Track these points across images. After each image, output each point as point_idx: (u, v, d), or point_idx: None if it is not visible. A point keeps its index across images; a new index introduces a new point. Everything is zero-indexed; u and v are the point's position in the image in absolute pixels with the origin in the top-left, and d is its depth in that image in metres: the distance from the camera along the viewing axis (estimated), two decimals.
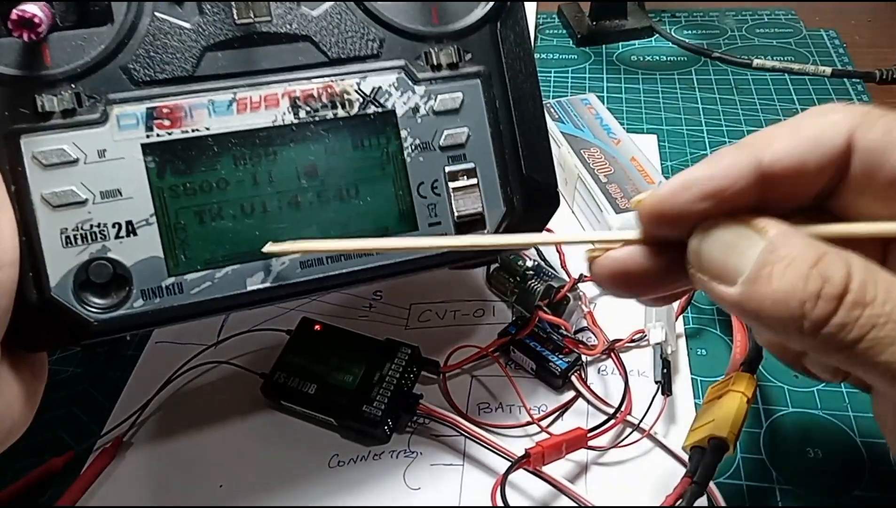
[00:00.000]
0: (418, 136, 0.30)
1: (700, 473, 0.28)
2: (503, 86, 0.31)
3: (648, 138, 0.54)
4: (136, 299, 0.27)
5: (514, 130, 0.31)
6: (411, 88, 0.30)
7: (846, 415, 0.35)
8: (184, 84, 0.28)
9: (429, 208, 0.30)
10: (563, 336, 0.37)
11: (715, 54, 0.63)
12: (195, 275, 0.28)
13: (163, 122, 0.27)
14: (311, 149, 0.29)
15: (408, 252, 0.30)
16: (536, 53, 0.67)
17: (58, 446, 0.36)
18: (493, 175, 0.31)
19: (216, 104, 0.28)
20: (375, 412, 0.34)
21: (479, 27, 0.31)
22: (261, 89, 0.28)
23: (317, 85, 0.29)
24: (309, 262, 0.29)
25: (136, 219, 0.27)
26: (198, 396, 0.38)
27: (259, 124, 0.28)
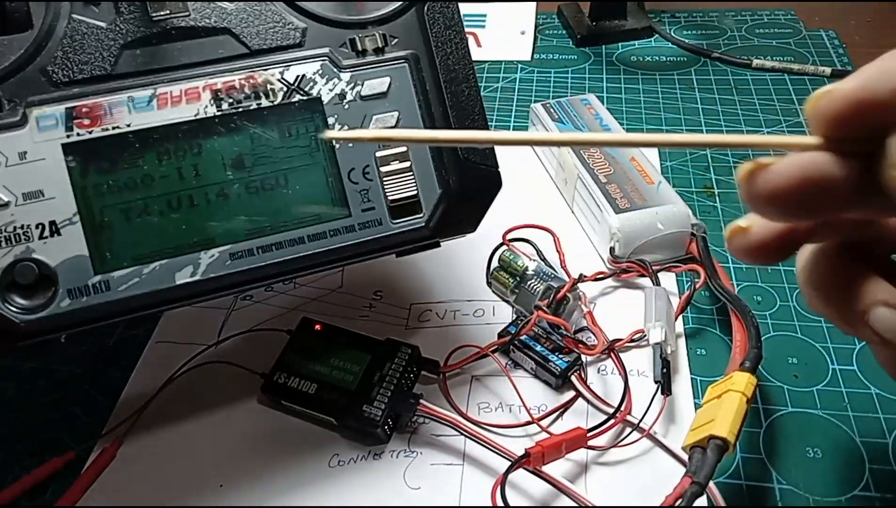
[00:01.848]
0: (346, 122, 0.30)
1: (700, 473, 0.28)
2: (433, 68, 0.31)
3: None
4: (63, 298, 0.27)
5: (448, 112, 0.31)
6: (336, 75, 0.30)
7: (846, 415, 0.35)
8: (103, 83, 0.28)
9: (361, 194, 0.30)
10: (563, 336, 0.37)
11: (715, 55, 0.63)
12: (122, 272, 0.28)
13: (83, 121, 0.27)
14: (237, 140, 0.29)
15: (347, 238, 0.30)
16: (536, 54, 0.67)
17: (58, 446, 0.36)
18: (427, 158, 0.31)
19: (136, 101, 0.28)
20: (375, 412, 0.34)
21: (404, 11, 0.31)
22: (181, 84, 0.28)
23: (238, 76, 0.29)
24: (239, 253, 0.29)
25: (60, 219, 0.27)
26: (198, 396, 0.38)
27: (181, 118, 0.28)
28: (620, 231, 0.41)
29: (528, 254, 0.41)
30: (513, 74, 0.64)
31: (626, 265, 0.42)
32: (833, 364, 0.37)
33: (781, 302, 0.41)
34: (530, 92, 0.61)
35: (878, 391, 0.36)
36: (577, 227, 0.47)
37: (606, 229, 0.42)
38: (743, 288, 0.42)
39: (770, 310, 0.40)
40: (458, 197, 0.31)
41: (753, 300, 0.41)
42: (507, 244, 0.41)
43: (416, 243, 0.32)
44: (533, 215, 0.44)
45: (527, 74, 0.64)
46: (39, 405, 0.38)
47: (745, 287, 0.42)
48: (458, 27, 0.32)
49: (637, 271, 0.41)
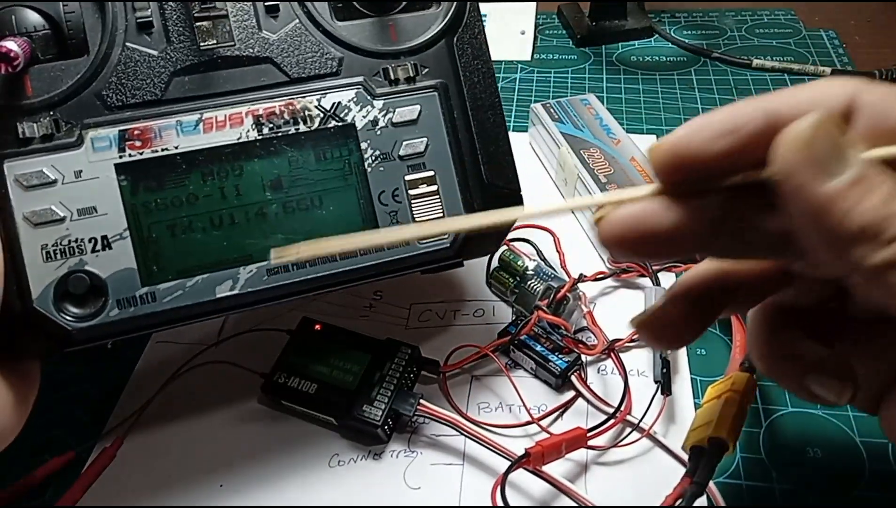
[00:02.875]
0: (378, 147, 0.32)
1: (700, 473, 0.28)
2: (461, 96, 0.33)
3: (648, 139, 0.54)
4: (112, 308, 0.29)
5: (474, 138, 0.33)
6: (370, 103, 0.32)
7: (846, 415, 0.35)
8: (153, 107, 0.30)
9: (390, 215, 0.32)
10: (563, 336, 0.37)
11: (714, 55, 0.63)
12: (167, 285, 0.30)
13: (134, 143, 0.29)
14: (276, 163, 0.31)
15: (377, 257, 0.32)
16: (536, 54, 0.67)
17: (58, 446, 0.36)
18: (453, 182, 0.32)
19: (184, 124, 0.30)
20: (375, 412, 0.34)
21: (435, 42, 0.33)
22: (225, 109, 0.30)
23: (278, 103, 0.31)
24: (275, 270, 0.31)
25: (111, 234, 0.29)
26: (198, 396, 0.38)
27: (225, 142, 0.30)
28: None
29: (528, 254, 0.41)
30: (513, 74, 0.64)
31: (626, 265, 0.42)
32: None
33: None
34: (530, 92, 0.61)
35: None
36: (577, 227, 0.47)
37: None
38: None
39: None
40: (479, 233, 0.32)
41: None
42: (507, 244, 0.41)
43: (440, 263, 0.33)
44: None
45: (527, 74, 0.64)
46: (39, 405, 0.38)
47: None
48: (486, 56, 0.34)
49: (637, 271, 0.41)
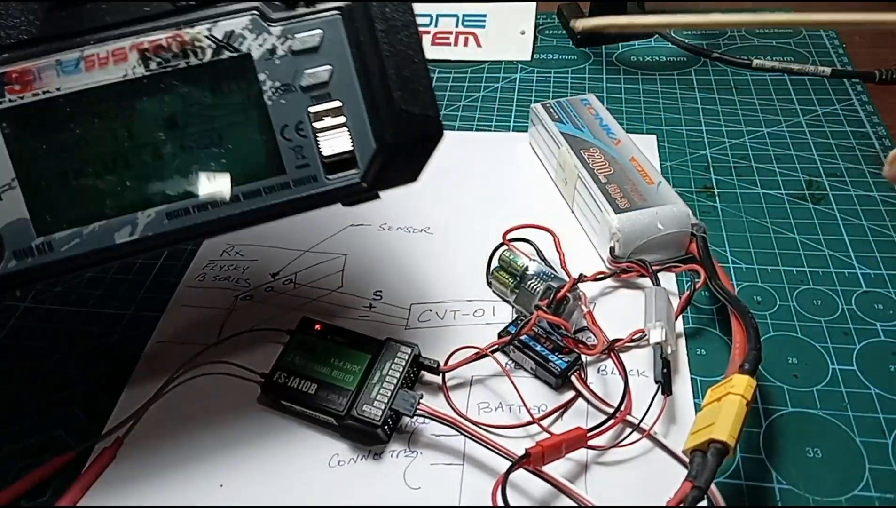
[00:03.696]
0: (278, 78, 0.30)
1: (701, 477, 0.28)
2: (368, 17, 0.30)
3: (648, 139, 0.54)
4: (10, 260, 0.28)
5: (384, 63, 0.30)
6: (266, 30, 0.29)
7: (846, 415, 0.35)
8: (30, 47, 0.28)
9: (295, 151, 0.30)
10: (563, 336, 0.37)
11: (714, 55, 0.63)
12: (63, 233, 0.29)
13: (13, 87, 0.27)
14: (168, 100, 0.29)
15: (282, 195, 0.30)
16: (536, 54, 0.67)
17: (58, 446, 0.36)
18: (362, 112, 0.30)
19: (64, 64, 0.28)
20: (375, 412, 0.34)
21: None
22: (108, 45, 0.28)
23: (165, 35, 0.28)
24: (175, 212, 0.29)
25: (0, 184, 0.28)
26: (198, 396, 0.38)
27: (110, 80, 0.28)
28: (620, 231, 0.41)
29: (528, 254, 0.41)
30: (513, 74, 0.64)
31: (626, 265, 0.42)
32: (833, 364, 0.37)
33: (781, 302, 0.41)
34: (530, 92, 0.61)
35: (878, 391, 0.36)
36: (577, 227, 0.47)
37: (606, 229, 0.42)
38: (743, 288, 0.42)
39: (770, 310, 0.40)
40: (395, 150, 0.31)
41: (753, 300, 0.41)
42: (507, 244, 0.41)
43: (353, 197, 0.32)
44: (533, 215, 0.44)
45: (527, 74, 0.64)
46: (39, 405, 0.38)
47: (744, 287, 0.42)
48: None
49: (637, 271, 0.41)
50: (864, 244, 0.44)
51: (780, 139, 0.54)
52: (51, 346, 0.41)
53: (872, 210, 0.47)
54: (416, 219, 0.48)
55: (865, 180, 0.49)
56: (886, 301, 0.41)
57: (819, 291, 0.41)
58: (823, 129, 0.54)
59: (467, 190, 0.50)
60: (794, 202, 0.48)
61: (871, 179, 0.49)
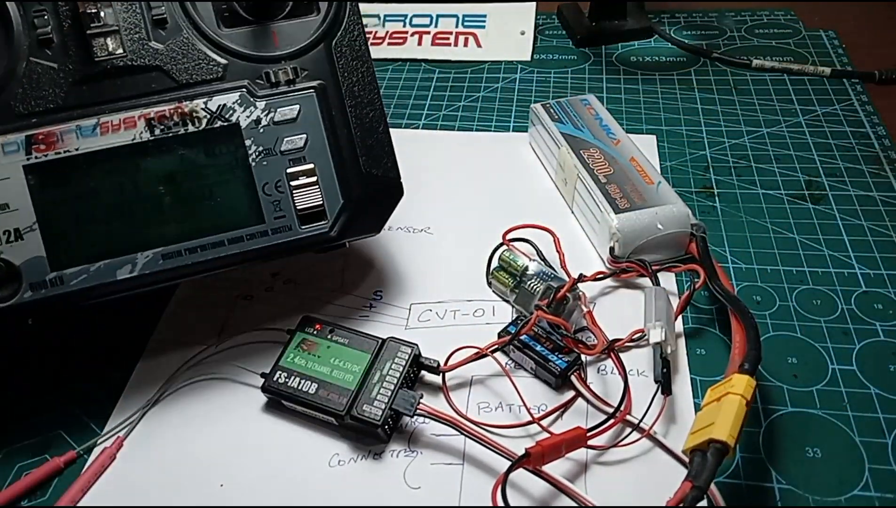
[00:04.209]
0: (261, 143, 0.35)
1: (700, 477, 0.28)
2: (339, 95, 0.36)
3: (648, 139, 0.54)
4: (26, 291, 0.33)
5: (352, 132, 0.36)
6: (253, 104, 0.35)
7: (846, 415, 0.35)
8: (55, 114, 0.33)
9: (274, 205, 0.35)
10: (563, 336, 0.37)
11: (714, 55, 0.63)
12: (73, 269, 0.33)
13: (40, 146, 0.33)
14: (168, 160, 0.34)
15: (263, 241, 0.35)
16: (536, 54, 0.67)
17: (58, 446, 0.36)
18: (331, 173, 0.36)
19: (83, 128, 0.33)
20: (375, 412, 0.34)
21: (314, 46, 0.36)
22: (120, 114, 0.34)
23: (168, 107, 0.34)
24: (169, 254, 0.34)
25: (22, 226, 0.33)
26: (198, 396, 0.38)
27: (120, 143, 0.34)
28: (620, 231, 0.41)
29: (528, 254, 0.41)
30: (513, 74, 0.64)
31: (625, 265, 0.42)
32: (833, 364, 0.37)
33: (781, 302, 0.41)
34: (530, 92, 0.61)
35: (878, 391, 0.36)
36: (577, 227, 0.47)
37: (606, 229, 0.42)
38: (742, 288, 0.42)
39: (770, 310, 0.40)
40: (359, 205, 0.37)
41: (753, 300, 0.41)
42: (507, 244, 0.41)
43: (322, 245, 0.37)
44: (533, 215, 0.44)
45: (527, 74, 0.64)
46: (39, 405, 0.38)
47: (744, 287, 0.42)
48: (365, 57, 0.37)
49: (637, 271, 0.41)
50: (864, 244, 0.44)
51: (780, 139, 0.54)
52: (51, 346, 0.41)
53: (872, 210, 0.47)
54: (416, 219, 0.48)
55: (865, 180, 0.49)
56: (886, 301, 0.41)
57: (819, 291, 0.41)
58: (823, 129, 0.54)
59: (467, 190, 0.50)
60: (793, 202, 0.48)
61: (871, 180, 0.49)
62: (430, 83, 0.63)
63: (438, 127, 0.58)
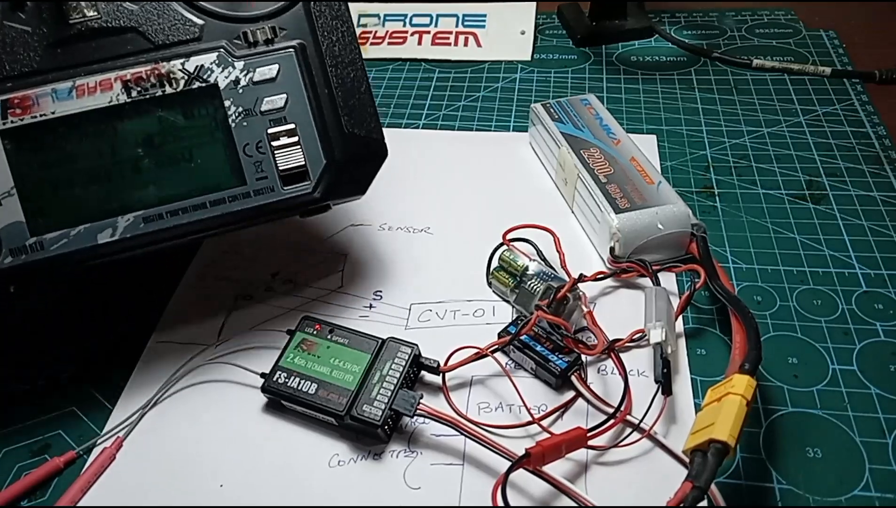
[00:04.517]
0: (241, 104, 0.35)
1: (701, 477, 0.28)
2: (320, 55, 0.36)
3: (648, 138, 0.54)
4: (7, 256, 0.33)
5: (333, 92, 0.36)
6: (231, 64, 0.35)
7: (846, 415, 0.35)
8: (31, 77, 0.33)
9: (255, 165, 0.35)
10: (563, 336, 0.37)
11: (714, 55, 0.63)
12: (53, 234, 0.33)
13: (15, 110, 0.32)
14: (146, 122, 0.34)
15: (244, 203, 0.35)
16: (536, 54, 0.67)
17: (58, 446, 0.36)
18: (313, 133, 0.36)
19: (58, 92, 0.33)
20: (375, 412, 0.34)
21: (291, 6, 0.36)
22: (96, 76, 0.33)
23: (145, 68, 0.34)
24: (151, 217, 0.34)
25: (0, 192, 0.32)
26: (198, 396, 0.38)
27: (97, 105, 0.33)
28: (620, 231, 0.41)
29: (528, 254, 0.41)
30: (513, 74, 0.64)
31: (626, 265, 0.42)
32: (833, 364, 0.37)
33: (781, 302, 0.41)
34: (530, 92, 0.61)
35: (878, 391, 0.36)
36: (577, 227, 0.47)
37: (606, 229, 0.42)
38: (743, 288, 0.42)
39: (770, 310, 0.40)
40: (342, 166, 0.36)
41: (753, 300, 0.41)
42: (507, 244, 0.41)
43: (306, 207, 0.36)
44: (533, 215, 0.44)
45: (527, 74, 0.64)
46: (39, 405, 0.38)
47: (744, 287, 0.42)
48: (345, 17, 0.37)
49: (637, 271, 0.41)
50: (864, 244, 0.44)
51: (780, 139, 0.54)
52: (51, 346, 0.41)
53: (872, 210, 0.47)
54: (416, 219, 0.48)
55: (865, 180, 0.49)
56: (886, 301, 0.41)
57: (819, 291, 0.41)
58: (823, 129, 0.54)
59: (467, 190, 0.50)
60: (794, 202, 0.48)
61: (871, 179, 0.49)
62: (430, 83, 0.63)
63: (438, 127, 0.58)
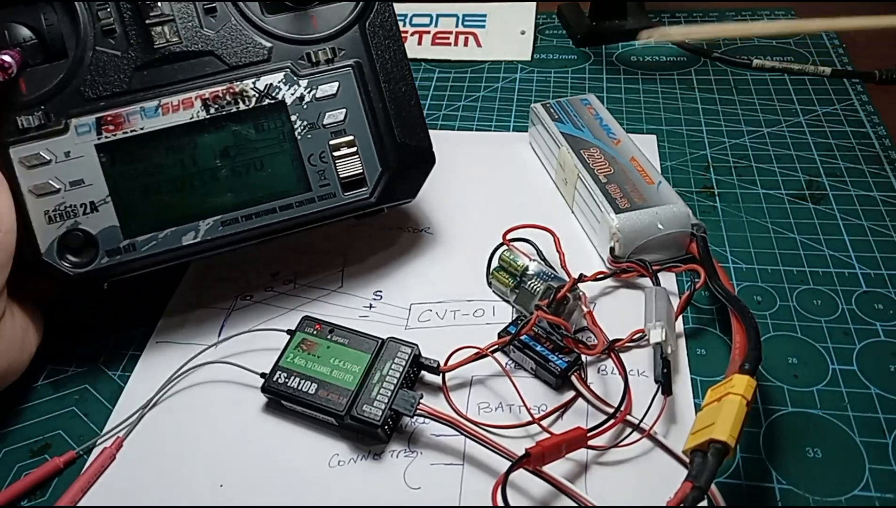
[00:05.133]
0: (306, 118, 0.38)
1: (701, 477, 0.28)
2: (374, 72, 0.39)
3: (648, 138, 0.54)
4: (103, 257, 0.37)
5: (387, 106, 0.40)
6: (296, 82, 0.38)
7: (846, 415, 0.35)
8: (121, 97, 0.37)
9: (319, 174, 0.39)
10: (563, 336, 0.37)
11: (714, 55, 0.63)
12: (143, 237, 0.37)
13: (109, 126, 0.36)
14: (223, 136, 0.38)
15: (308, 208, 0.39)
16: (536, 54, 0.67)
17: (58, 446, 0.36)
18: (370, 143, 0.39)
19: (146, 110, 0.37)
20: (375, 412, 0.34)
21: (349, 28, 0.39)
22: (178, 95, 0.37)
23: (221, 87, 0.37)
24: (228, 221, 0.38)
25: (97, 199, 0.37)
26: (198, 396, 0.38)
27: (180, 122, 0.37)
28: (620, 231, 0.41)
29: (528, 254, 0.41)
30: (513, 74, 0.64)
31: (626, 265, 0.42)
32: (833, 364, 0.37)
33: (781, 302, 0.41)
34: (530, 92, 0.61)
35: (878, 391, 0.36)
36: (577, 227, 0.47)
37: (606, 229, 0.42)
38: (743, 288, 0.42)
39: (770, 310, 0.40)
40: (396, 173, 0.40)
41: (753, 300, 0.41)
42: (507, 244, 0.41)
43: (364, 211, 0.40)
44: (533, 215, 0.44)
45: (527, 74, 0.64)
46: (39, 405, 0.38)
47: (744, 287, 0.42)
48: (396, 36, 0.40)
49: (637, 271, 0.41)
50: (864, 244, 0.44)
51: (780, 139, 0.54)
52: (51, 345, 0.41)
53: (872, 210, 0.47)
54: (416, 219, 0.48)
55: (865, 180, 0.49)
56: (886, 301, 0.41)
57: (819, 291, 0.41)
58: (823, 129, 0.54)
59: (467, 190, 0.50)
60: (794, 202, 0.48)
61: (871, 179, 0.49)
62: (430, 83, 0.63)
63: (438, 127, 0.58)
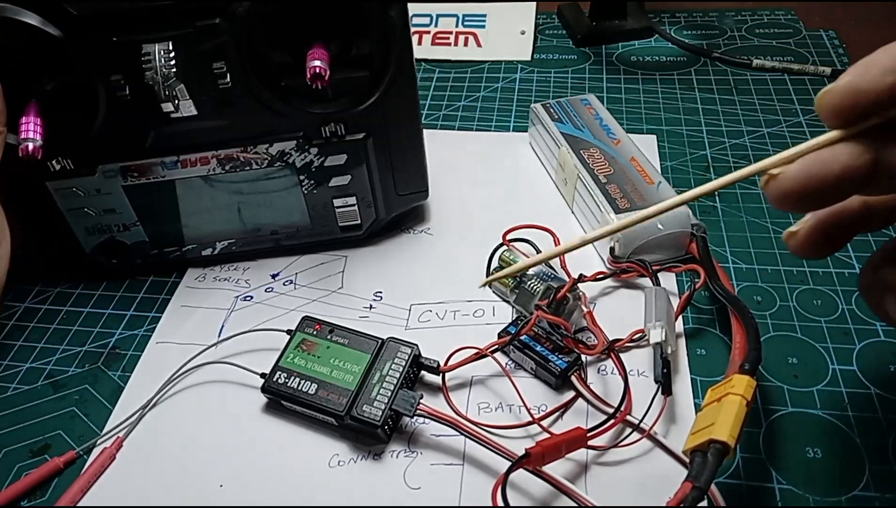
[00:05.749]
0: (313, 179, 0.42)
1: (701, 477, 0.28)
2: (386, 141, 0.41)
3: (648, 139, 0.54)
4: (137, 259, 0.44)
5: (391, 168, 0.43)
6: (307, 151, 0.40)
7: (846, 415, 0.35)
8: (142, 155, 0.39)
9: (321, 218, 0.44)
10: (563, 336, 0.37)
11: (714, 55, 0.63)
12: (170, 249, 0.44)
13: (133, 173, 0.40)
14: (237, 184, 0.42)
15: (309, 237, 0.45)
16: (536, 54, 0.67)
17: (58, 446, 0.36)
18: (369, 200, 0.43)
19: (167, 163, 0.40)
20: (375, 412, 0.34)
21: (364, 101, 0.39)
22: (196, 154, 0.40)
23: (236, 151, 0.40)
24: (240, 243, 0.45)
25: (128, 222, 0.42)
26: (198, 396, 0.38)
27: (198, 174, 0.41)
28: None
29: (528, 254, 0.41)
30: (513, 74, 0.64)
31: (626, 265, 0.42)
32: (833, 364, 0.37)
33: (781, 302, 0.41)
34: (530, 92, 0.61)
35: (878, 391, 0.36)
36: (577, 227, 0.47)
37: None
38: (743, 288, 0.42)
39: (770, 310, 0.40)
40: (389, 219, 0.46)
41: (753, 300, 0.41)
42: (507, 244, 0.41)
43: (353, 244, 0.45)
44: (533, 215, 0.44)
45: (527, 74, 0.64)
46: (39, 405, 0.38)
47: (744, 287, 0.42)
48: (414, 107, 0.41)
49: (637, 271, 0.41)
50: (865, 244, 0.44)
51: (780, 139, 0.54)
52: (51, 346, 0.41)
53: None
54: (416, 219, 0.48)
55: None
56: None
57: (819, 291, 0.41)
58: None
59: (467, 190, 0.50)
60: None
61: None
62: (430, 83, 0.63)
63: (438, 127, 0.58)
